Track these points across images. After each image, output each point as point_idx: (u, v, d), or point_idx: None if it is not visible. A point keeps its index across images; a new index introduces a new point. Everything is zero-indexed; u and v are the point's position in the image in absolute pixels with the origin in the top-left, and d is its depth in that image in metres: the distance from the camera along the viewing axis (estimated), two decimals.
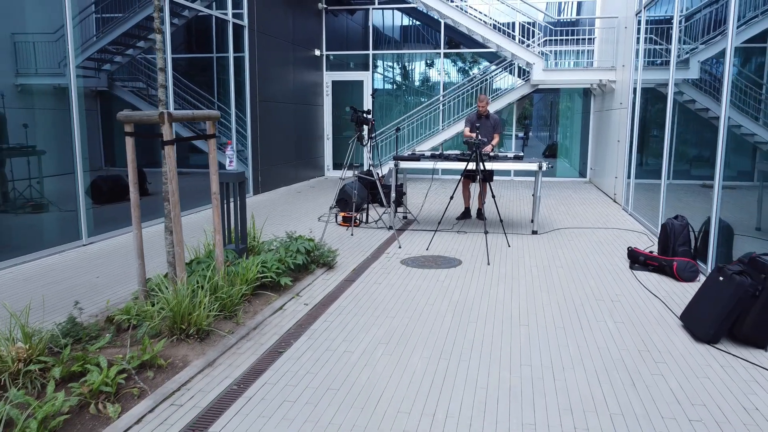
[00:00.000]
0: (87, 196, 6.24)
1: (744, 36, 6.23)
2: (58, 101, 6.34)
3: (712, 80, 6.68)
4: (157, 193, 8.27)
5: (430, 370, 3.13)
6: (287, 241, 5.02)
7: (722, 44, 6.35)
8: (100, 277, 4.85)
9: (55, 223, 6.11)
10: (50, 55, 6.51)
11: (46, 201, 6.19)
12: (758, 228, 5.43)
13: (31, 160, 6.12)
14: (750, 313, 3.38)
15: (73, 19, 6.42)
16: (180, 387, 2.92)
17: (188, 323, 3.36)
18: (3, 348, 2.85)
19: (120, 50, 8.25)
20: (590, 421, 2.61)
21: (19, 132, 6.05)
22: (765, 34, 5.67)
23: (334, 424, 2.56)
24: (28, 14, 6.14)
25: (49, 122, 6.22)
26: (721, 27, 6.36)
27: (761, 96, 6.08)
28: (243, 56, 9.54)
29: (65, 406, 2.46)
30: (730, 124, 7.15)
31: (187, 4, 8.10)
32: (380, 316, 3.97)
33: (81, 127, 6.15)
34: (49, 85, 6.54)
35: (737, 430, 2.53)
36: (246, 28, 9.50)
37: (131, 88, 8.65)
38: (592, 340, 3.56)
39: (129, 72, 8.50)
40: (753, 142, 6.56)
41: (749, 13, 5.67)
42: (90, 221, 6.18)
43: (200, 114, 3.79)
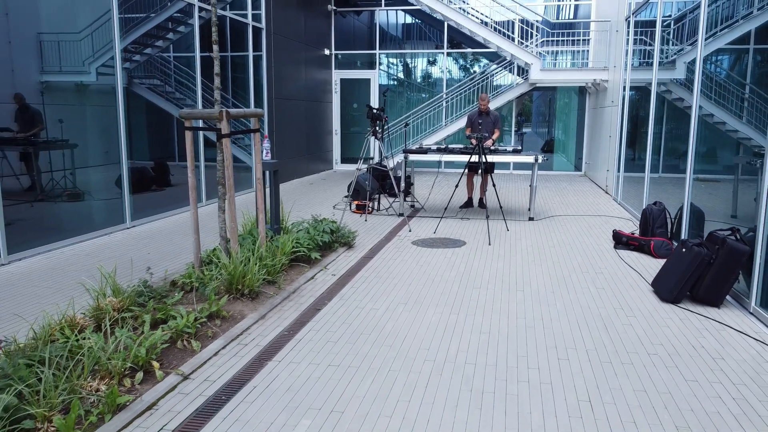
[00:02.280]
0: (130, 185, 6.94)
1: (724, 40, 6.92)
2: (106, 98, 7.05)
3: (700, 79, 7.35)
4: (180, 184, 8.98)
5: (442, 321, 3.85)
6: (314, 222, 5.73)
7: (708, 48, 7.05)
8: (150, 254, 5.56)
9: (103, 208, 6.81)
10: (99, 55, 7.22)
11: (96, 189, 6.91)
12: (734, 216, 6.13)
13: (84, 152, 6.83)
14: (706, 278, 4.10)
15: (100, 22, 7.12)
16: (242, 332, 3.64)
17: (242, 285, 4.07)
18: (102, 300, 3.56)
19: (139, 49, 8.93)
20: (570, 354, 3.32)
21: (73, 126, 6.75)
22: (747, 36, 6.31)
23: (370, 355, 3.28)
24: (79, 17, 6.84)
25: (97, 117, 6.94)
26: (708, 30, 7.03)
27: (744, 95, 6.75)
28: (261, 57, 10.23)
29: (163, 338, 3.17)
30: (714, 121, 7.84)
31: (226, 13, 8.77)
32: (398, 284, 4.68)
33: (125, 121, 6.85)
34: (101, 84, 7.26)
35: (684, 360, 3.24)
36: (263, 30, 10.18)
37: (148, 85, 9.34)
38: (576, 300, 4.27)
39: (145, 70, 9.18)
40: (736, 138, 7.24)
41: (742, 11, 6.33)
42: (132, 207, 6.88)
43: (250, 112, 4.49)
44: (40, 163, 6.60)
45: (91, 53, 8.08)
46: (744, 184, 6.27)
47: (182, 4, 8.57)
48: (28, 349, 2.77)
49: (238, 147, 11.17)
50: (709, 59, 8.13)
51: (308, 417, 2.62)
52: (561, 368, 3.14)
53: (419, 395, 2.83)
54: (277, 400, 2.78)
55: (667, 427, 2.55)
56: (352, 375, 3.04)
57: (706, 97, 8.19)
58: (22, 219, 5.88)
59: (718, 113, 7.72)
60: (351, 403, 2.75)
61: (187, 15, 9.29)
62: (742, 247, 3.98)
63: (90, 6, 7.44)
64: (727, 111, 7.63)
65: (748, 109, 6.61)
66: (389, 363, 3.19)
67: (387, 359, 3.24)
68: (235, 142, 11.20)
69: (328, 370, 3.10)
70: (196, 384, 2.95)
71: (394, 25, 14.98)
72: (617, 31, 10.10)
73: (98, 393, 2.66)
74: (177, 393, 2.85)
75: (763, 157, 4.71)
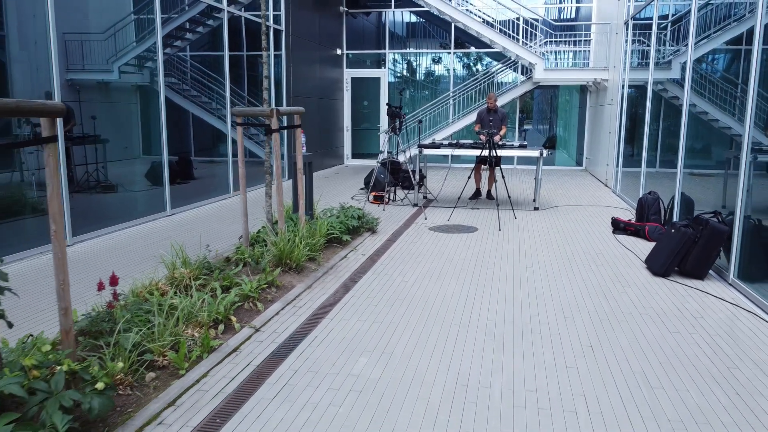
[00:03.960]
0: (169, 176, 7.56)
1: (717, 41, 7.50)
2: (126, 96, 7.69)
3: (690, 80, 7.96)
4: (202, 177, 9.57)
5: (464, 290, 4.47)
6: (342, 210, 6.36)
7: (698, 51, 7.65)
8: (196, 237, 6.18)
9: (146, 198, 7.45)
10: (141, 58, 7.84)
11: (139, 180, 7.54)
12: (723, 206, 6.75)
13: (114, 146, 7.47)
14: (691, 254, 4.73)
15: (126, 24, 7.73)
16: (295, 298, 4.27)
17: (290, 260, 4.70)
18: (176, 271, 4.19)
19: None
20: (574, 314, 3.95)
21: (119, 123, 7.38)
22: (740, 38, 6.88)
23: (407, 315, 3.91)
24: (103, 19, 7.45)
25: (122, 114, 7.59)
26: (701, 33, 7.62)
27: (736, 93, 7.33)
28: (280, 57, 10.83)
29: (234, 300, 3.79)
30: (708, 119, 8.43)
31: (241, 13, 9.39)
32: (421, 262, 5.31)
33: (165, 118, 7.47)
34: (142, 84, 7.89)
35: (670, 318, 3.87)
36: (282, 32, 10.79)
37: (167, 83, 9.95)
38: (579, 275, 4.90)
39: (165, 68, 9.77)
40: (730, 135, 7.84)
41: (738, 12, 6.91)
42: (171, 197, 7.51)
43: (294, 109, 5.11)
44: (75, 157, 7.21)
45: (114, 53, 8.69)
46: (734, 177, 6.88)
47: (202, 6, 9.16)
48: (133, 305, 3.39)
49: (255, 143, 11.80)
50: (705, 59, 8.74)
51: (365, 356, 3.25)
52: (567, 324, 3.77)
53: (451, 342, 3.46)
54: (336, 345, 3.41)
55: (653, 363, 3.18)
56: (394, 328, 3.68)
57: (700, 96, 8.80)
58: (73, 207, 6.51)
59: (711, 111, 8.33)
60: (397, 347, 3.38)
61: (206, 16, 9.93)
62: (722, 228, 4.61)
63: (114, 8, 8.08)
64: (720, 109, 8.25)
65: (739, 107, 7.17)
66: (423, 320, 3.82)
67: (421, 317, 3.87)
68: (251, 138, 11.84)
69: (374, 325, 3.73)
70: (267, 335, 3.58)
71: (403, 26, 15.60)
72: (617, 33, 10.70)
73: (193, 338, 3.29)
74: (253, 341, 3.48)
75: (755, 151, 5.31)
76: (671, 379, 3.00)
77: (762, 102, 7.64)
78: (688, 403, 2.75)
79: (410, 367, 3.12)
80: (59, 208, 2.49)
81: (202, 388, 2.89)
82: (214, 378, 3.00)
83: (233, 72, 10.37)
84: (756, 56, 4.37)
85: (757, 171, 5.88)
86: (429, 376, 3.02)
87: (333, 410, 2.67)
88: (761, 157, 6.03)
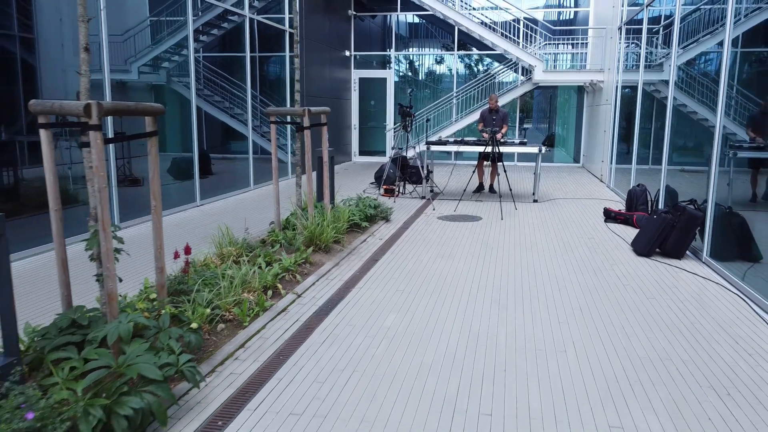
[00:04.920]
0: (199, 170, 8.22)
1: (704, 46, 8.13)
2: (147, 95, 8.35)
3: (680, 82, 8.60)
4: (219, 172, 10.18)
5: (471, 268, 5.14)
6: (359, 200, 7.03)
7: (687, 55, 8.30)
8: (228, 224, 6.84)
9: (179, 189, 8.11)
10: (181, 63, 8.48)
11: (173, 173, 8.21)
12: (706, 199, 7.42)
13: (163, 143, 8.13)
14: (671, 237, 5.40)
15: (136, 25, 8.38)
16: (326, 272, 4.94)
17: (319, 241, 5.36)
18: (224, 249, 4.86)
19: (177, 51, 10.19)
20: (568, 286, 4.62)
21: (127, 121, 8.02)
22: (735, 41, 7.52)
23: (424, 286, 4.58)
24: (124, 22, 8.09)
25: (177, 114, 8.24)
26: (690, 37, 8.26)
27: (731, 94, 7.96)
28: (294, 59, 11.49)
29: (278, 271, 4.46)
30: (698, 118, 9.09)
31: (261, 19, 10.05)
32: (432, 245, 5.98)
33: (196, 117, 8.13)
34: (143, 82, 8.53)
35: (648, 289, 4.54)
36: (299, 36, 11.44)
37: (185, 83, 10.59)
38: (573, 256, 5.58)
39: (180, 68, 10.42)
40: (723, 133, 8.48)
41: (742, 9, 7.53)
42: (200, 189, 8.17)
43: (322, 109, 5.78)
44: None
45: (134, 53, 9.33)
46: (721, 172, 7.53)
47: (219, 10, 9.81)
48: (199, 272, 4.06)
49: (266, 140, 12.44)
50: (696, 61, 9.38)
51: (392, 315, 3.92)
52: (560, 293, 4.44)
53: (463, 305, 4.13)
54: (367, 307, 4.08)
55: (630, 320, 3.85)
56: (414, 296, 4.35)
57: (690, 96, 9.46)
58: None
59: (700, 110, 8.98)
60: (417, 308, 4.05)
61: (221, 19, 10.59)
62: (697, 213, 5.28)
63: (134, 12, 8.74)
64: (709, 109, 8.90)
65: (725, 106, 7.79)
66: (438, 289, 4.50)
67: (436, 288, 4.54)
68: (263, 136, 12.49)
69: (396, 293, 4.40)
70: (308, 299, 4.25)
71: (409, 29, 16.25)
72: (611, 37, 11.37)
73: (249, 300, 3.95)
74: (297, 304, 4.15)
75: (737, 148, 5.98)
76: (644, 330, 3.68)
77: (746, 101, 8.27)
78: (656, 346, 3.42)
79: (430, 322, 3.79)
80: (158, 188, 3.16)
81: (263, 336, 3.56)
82: (271, 330, 3.67)
83: (237, 70, 10.99)
84: (725, 62, 5.04)
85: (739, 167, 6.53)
86: (446, 327, 3.69)
87: (371, 350, 3.34)
88: (741, 153, 6.68)
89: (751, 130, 6.82)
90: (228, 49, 12.09)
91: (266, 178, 10.32)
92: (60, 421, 2.14)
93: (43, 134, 2.87)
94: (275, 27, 10.93)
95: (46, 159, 2.88)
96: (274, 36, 11.35)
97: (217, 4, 9.47)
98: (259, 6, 11.06)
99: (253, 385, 2.92)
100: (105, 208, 2.69)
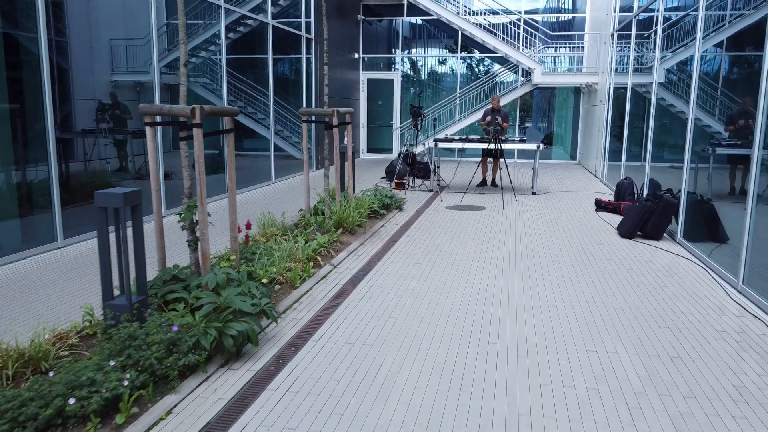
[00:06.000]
0: None
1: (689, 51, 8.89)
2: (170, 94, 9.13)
3: (669, 83, 9.39)
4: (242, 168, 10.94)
5: (478, 247, 5.98)
6: (376, 191, 7.87)
7: (676, 58, 9.07)
8: (260, 211, 7.68)
9: (212, 181, 8.94)
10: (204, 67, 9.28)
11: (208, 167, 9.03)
12: (693, 192, 8.23)
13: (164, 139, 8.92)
14: (650, 221, 6.23)
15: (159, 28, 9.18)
16: (354, 250, 5.78)
17: (346, 224, 6.20)
18: (267, 229, 5.70)
19: (195, 53, 10.99)
20: (560, 260, 5.46)
21: None
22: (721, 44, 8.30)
23: (439, 260, 5.42)
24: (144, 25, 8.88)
25: None
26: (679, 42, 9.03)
27: (716, 95, 8.75)
28: (311, 62, 12.32)
29: (316, 246, 5.30)
30: (686, 118, 9.86)
31: (282, 26, 10.87)
32: (443, 230, 6.81)
33: None
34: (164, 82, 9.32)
35: (628, 262, 5.38)
36: (313, 40, 12.28)
37: (202, 83, 11.39)
38: (566, 238, 6.41)
39: (196, 69, 11.21)
40: (710, 132, 9.27)
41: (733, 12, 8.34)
42: None
43: (346, 110, 6.61)
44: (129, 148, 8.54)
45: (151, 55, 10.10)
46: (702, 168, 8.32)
47: (236, 15, 10.62)
48: (255, 245, 4.89)
49: (281, 138, 13.25)
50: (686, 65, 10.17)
51: (414, 281, 4.76)
52: (554, 265, 5.28)
53: (473, 274, 4.97)
54: (393, 275, 4.92)
55: (610, 284, 4.69)
56: (431, 268, 5.18)
57: (677, 97, 10.26)
58: None
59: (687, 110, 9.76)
60: (435, 276, 4.89)
61: (238, 23, 11.37)
62: (673, 201, 6.11)
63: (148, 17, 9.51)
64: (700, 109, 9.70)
65: (713, 105, 8.55)
66: (451, 263, 5.33)
67: (449, 262, 5.38)
68: (277, 133, 13.29)
69: (416, 266, 5.24)
70: (343, 270, 5.09)
71: (415, 33, 17.08)
72: (605, 43, 12.20)
73: (297, 267, 4.79)
74: (334, 272, 4.99)
75: (716, 145, 6.77)
76: (620, 291, 4.52)
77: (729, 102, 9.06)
78: (628, 302, 4.26)
79: (446, 286, 4.63)
80: (233, 172, 3.99)
81: (312, 294, 4.40)
82: (317, 290, 4.51)
83: (258, 73, 11.79)
84: (695, 71, 5.87)
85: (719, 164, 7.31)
86: (459, 290, 4.53)
87: (401, 304, 4.18)
88: (719, 150, 7.49)
89: (730, 128, 7.63)
90: (246, 52, 12.89)
91: (284, 173, 11.15)
92: (189, 336, 2.98)
93: (148, 131, 3.70)
94: (292, 32, 11.75)
95: (150, 150, 3.72)
96: (288, 39, 12.14)
97: (237, 11, 10.28)
98: (275, 11, 11.86)
99: (312, 326, 3.76)
100: (203, 187, 3.52)
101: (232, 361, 3.18)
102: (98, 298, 3.47)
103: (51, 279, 4.65)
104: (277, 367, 3.14)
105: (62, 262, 5.15)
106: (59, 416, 2.40)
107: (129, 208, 3.12)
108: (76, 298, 4.15)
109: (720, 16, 8.14)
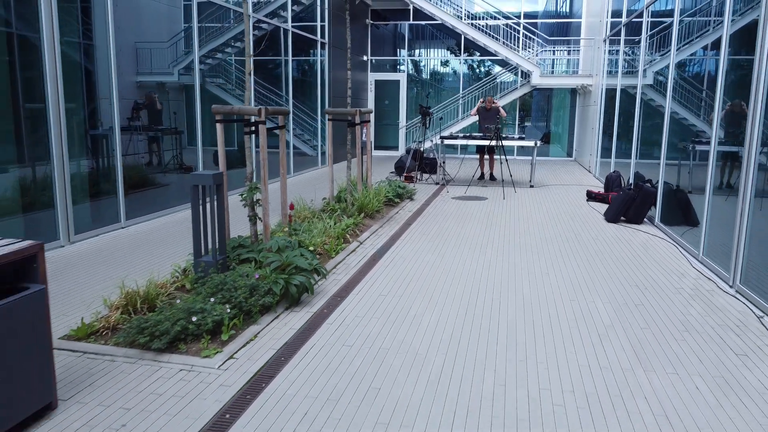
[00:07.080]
0: None
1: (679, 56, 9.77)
2: (185, 94, 10.02)
3: (659, 86, 10.22)
4: None
5: (481, 231, 6.89)
6: (389, 182, 8.77)
7: (665, 61, 9.89)
8: None
9: (237, 176, 9.83)
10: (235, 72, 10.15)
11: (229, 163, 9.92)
12: (677, 185, 9.13)
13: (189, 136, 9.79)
14: (632, 208, 7.14)
15: None
16: (376, 230, 6.68)
17: (367, 209, 7.10)
18: (303, 212, 6.60)
19: (212, 54, 11.86)
20: (552, 241, 6.37)
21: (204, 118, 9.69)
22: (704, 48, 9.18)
23: (449, 240, 6.33)
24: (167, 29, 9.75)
25: None
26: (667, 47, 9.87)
27: (702, 96, 9.60)
28: (324, 65, 13.21)
29: (344, 226, 6.20)
30: (678, 117, 10.73)
31: (300, 32, 11.76)
32: (450, 216, 7.72)
33: None
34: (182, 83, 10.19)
35: (611, 241, 6.29)
36: (326, 44, 13.17)
37: (218, 84, 12.26)
38: (560, 224, 7.32)
39: (212, 70, 12.07)
40: (695, 130, 10.17)
41: None
42: None
43: (367, 109, 7.50)
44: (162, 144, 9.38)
45: (174, 58, 10.98)
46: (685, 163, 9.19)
47: (253, 19, 11.48)
48: (296, 223, 5.79)
49: (302, 141, 14.14)
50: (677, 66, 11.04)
51: (429, 255, 5.67)
52: (546, 245, 6.18)
53: (477, 251, 5.87)
54: (410, 250, 5.82)
55: (593, 259, 5.59)
56: (442, 245, 6.09)
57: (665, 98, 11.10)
58: None
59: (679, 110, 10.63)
60: (447, 252, 5.80)
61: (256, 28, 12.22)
62: (652, 190, 7.02)
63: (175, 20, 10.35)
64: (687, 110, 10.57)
65: (696, 106, 9.39)
66: (460, 243, 6.24)
67: (458, 242, 6.29)
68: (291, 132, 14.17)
69: (430, 243, 6.14)
70: (368, 245, 5.99)
71: (420, 36, 17.98)
72: (599, 47, 13.10)
73: (331, 242, 5.69)
74: (361, 247, 5.90)
75: (696, 142, 7.64)
76: (601, 262, 5.42)
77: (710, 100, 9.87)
78: (608, 269, 5.17)
79: (456, 260, 5.53)
80: (285, 161, 4.89)
81: (346, 263, 5.30)
82: (349, 260, 5.41)
83: (265, 73, 12.65)
84: (670, 76, 6.76)
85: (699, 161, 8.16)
86: (467, 262, 5.44)
87: (420, 270, 5.08)
88: (699, 147, 8.36)
89: None
90: (263, 54, 13.75)
91: (299, 168, 12.05)
92: (264, 283, 3.88)
93: (219, 127, 4.60)
94: (308, 36, 12.64)
95: (219, 143, 4.61)
96: (302, 42, 13.03)
97: (256, 16, 11.17)
98: (308, 2, 12.70)
99: (351, 284, 4.66)
100: (265, 171, 4.42)
101: (293, 306, 4.08)
102: (169, 265, 4.36)
103: (129, 250, 5.55)
104: (330, 310, 4.05)
105: (128, 239, 6.05)
106: (182, 332, 3.30)
107: (215, 186, 4.02)
108: (156, 264, 5.06)
109: (705, 22, 8.94)
